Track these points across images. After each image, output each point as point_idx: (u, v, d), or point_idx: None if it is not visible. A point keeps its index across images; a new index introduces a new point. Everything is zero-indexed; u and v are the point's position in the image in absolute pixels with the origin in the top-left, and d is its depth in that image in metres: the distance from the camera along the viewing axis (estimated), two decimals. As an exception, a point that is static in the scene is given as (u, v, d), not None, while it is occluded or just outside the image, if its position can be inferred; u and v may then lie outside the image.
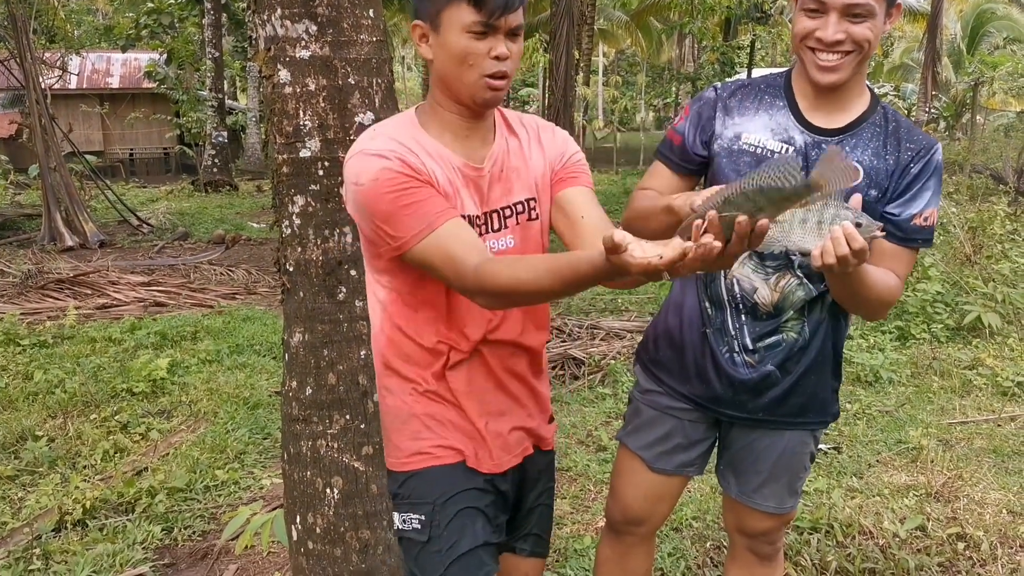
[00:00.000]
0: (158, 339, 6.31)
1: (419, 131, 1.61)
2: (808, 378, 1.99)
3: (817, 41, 1.75)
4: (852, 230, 1.51)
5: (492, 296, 1.47)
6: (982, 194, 9.90)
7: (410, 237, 1.51)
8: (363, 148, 1.55)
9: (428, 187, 1.53)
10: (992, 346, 5.87)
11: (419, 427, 1.70)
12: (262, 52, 2.45)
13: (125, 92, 23.35)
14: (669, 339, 2.09)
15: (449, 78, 1.56)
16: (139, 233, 12.31)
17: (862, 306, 1.85)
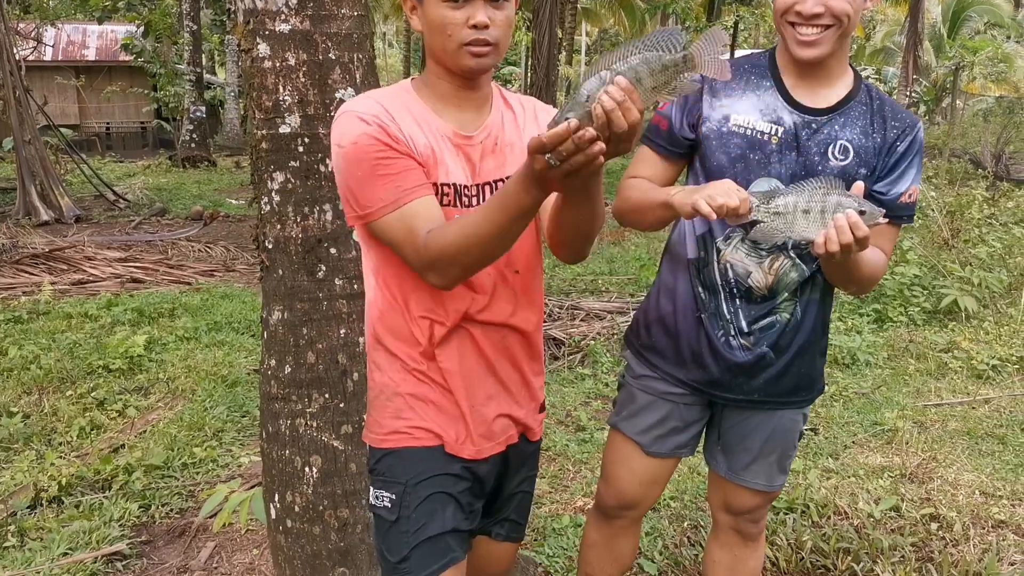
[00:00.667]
0: (135, 316, 6.25)
1: (412, 97, 1.62)
2: (801, 357, 2.01)
3: (796, 15, 1.75)
4: (856, 218, 1.54)
5: (442, 262, 1.48)
6: (960, 178, 9.99)
7: (377, 209, 1.53)
8: (349, 108, 1.56)
9: (405, 159, 1.53)
10: (968, 329, 5.94)
11: (402, 406, 1.68)
12: (241, 25, 2.40)
13: (101, 65, 22.96)
14: (663, 325, 2.08)
15: (434, 48, 1.57)
16: (116, 208, 12.16)
17: (854, 284, 1.88)
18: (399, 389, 1.68)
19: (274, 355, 2.41)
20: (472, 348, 1.68)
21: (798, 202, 1.57)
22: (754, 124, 1.87)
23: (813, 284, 1.95)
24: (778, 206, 1.60)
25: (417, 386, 1.67)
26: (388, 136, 1.52)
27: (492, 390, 1.72)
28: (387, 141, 1.52)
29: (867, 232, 1.53)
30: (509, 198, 1.39)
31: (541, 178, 1.32)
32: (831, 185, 1.58)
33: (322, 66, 2.42)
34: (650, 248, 8.96)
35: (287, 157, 2.43)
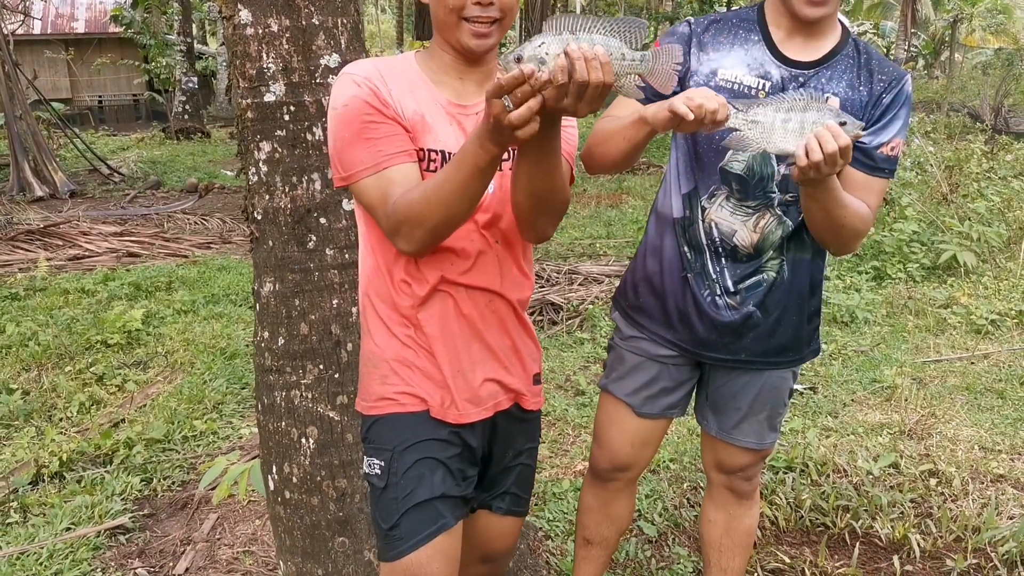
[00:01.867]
0: (132, 290, 6.23)
1: (412, 66, 1.63)
2: (788, 316, 2.00)
3: None
4: (837, 128, 1.52)
5: (407, 225, 1.50)
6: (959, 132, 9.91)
7: (357, 171, 1.55)
8: (347, 70, 1.59)
9: (391, 124, 1.55)
10: (967, 284, 5.93)
11: (387, 371, 1.68)
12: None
13: (91, 37, 22.69)
14: (649, 285, 2.07)
15: (438, 22, 1.57)
16: (110, 182, 12.09)
17: (837, 233, 1.81)
18: (384, 355, 1.68)
19: (267, 327, 2.39)
20: (455, 312, 1.66)
21: (778, 112, 1.54)
22: (741, 78, 1.84)
23: (799, 241, 1.93)
24: (756, 115, 1.56)
25: (401, 350, 1.67)
26: (377, 99, 1.54)
27: (478, 355, 1.70)
28: (376, 105, 1.53)
29: (848, 142, 1.51)
30: (467, 155, 1.41)
31: (497, 127, 1.30)
32: (811, 98, 1.55)
33: (305, 32, 2.38)
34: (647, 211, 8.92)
35: (273, 126, 2.39)
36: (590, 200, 10.20)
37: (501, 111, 1.28)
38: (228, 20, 2.36)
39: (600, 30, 1.30)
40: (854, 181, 1.83)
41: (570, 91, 1.27)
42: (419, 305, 1.64)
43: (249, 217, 2.50)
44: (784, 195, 1.87)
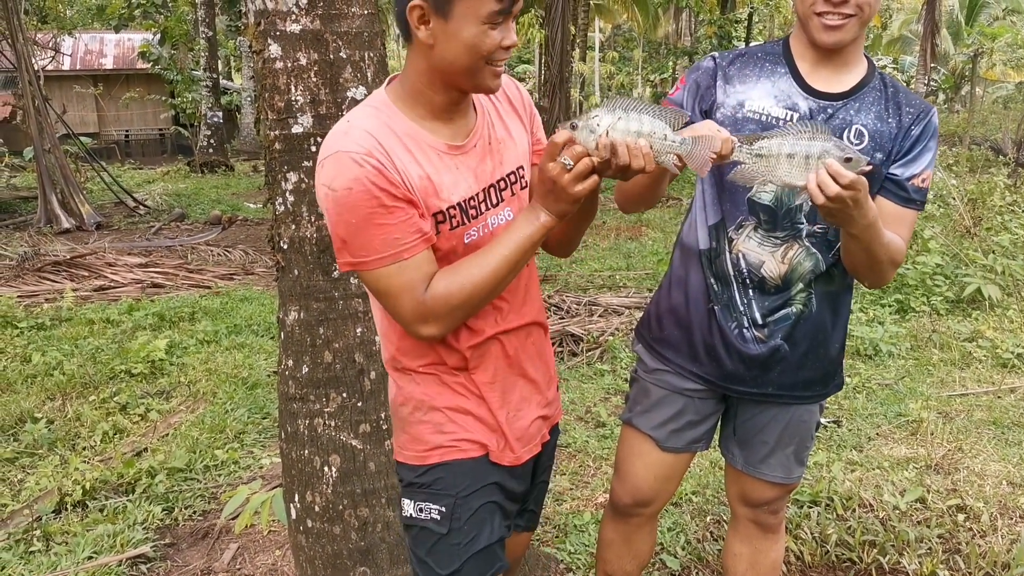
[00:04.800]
0: (156, 320, 6.30)
1: (395, 115, 1.50)
2: (816, 350, 1.98)
3: (824, 2, 1.75)
4: (837, 167, 1.51)
5: (445, 311, 1.48)
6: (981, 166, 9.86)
7: (372, 260, 1.45)
8: (339, 147, 1.43)
9: (404, 208, 1.44)
10: (992, 318, 5.87)
11: (443, 419, 1.64)
12: (252, 26, 2.41)
13: (119, 73, 23.17)
14: (674, 317, 2.06)
15: (455, 68, 1.45)
16: (135, 214, 12.26)
17: (873, 267, 1.82)
18: (436, 403, 1.64)
19: (291, 355, 2.41)
20: (502, 354, 1.66)
21: (782, 145, 1.54)
22: (769, 110, 1.86)
23: (829, 275, 1.92)
24: (761, 148, 1.56)
25: (454, 398, 1.64)
26: (386, 180, 1.42)
27: (525, 392, 1.72)
28: (384, 187, 1.42)
29: (853, 178, 1.50)
30: (520, 233, 1.48)
31: (555, 190, 1.43)
32: (816, 130, 1.54)
33: (333, 65, 2.42)
34: (667, 243, 8.92)
35: (300, 157, 2.43)
36: (610, 232, 10.23)
37: (561, 170, 1.41)
38: (258, 54, 2.41)
39: (648, 112, 1.43)
40: (888, 213, 1.83)
41: (613, 168, 1.42)
42: (469, 358, 1.63)
43: (275, 246, 2.53)
44: (812, 226, 1.87)
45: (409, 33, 1.44)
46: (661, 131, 1.43)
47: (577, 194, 1.43)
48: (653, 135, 1.42)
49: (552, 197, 1.45)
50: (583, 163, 1.41)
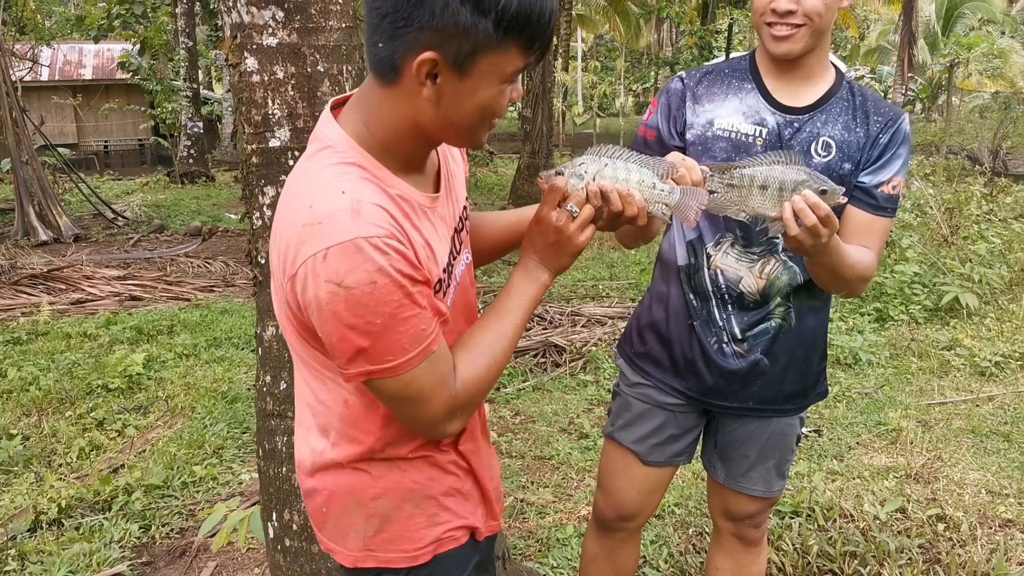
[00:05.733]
0: (134, 334, 6.23)
1: (381, 171, 1.23)
2: (796, 363, 1.99)
3: (772, 13, 1.75)
4: (815, 199, 1.49)
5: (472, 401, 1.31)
6: (958, 175, 9.96)
7: (402, 362, 1.18)
8: (355, 232, 1.11)
9: (422, 288, 1.19)
10: (970, 326, 5.91)
11: (436, 509, 1.42)
12: (228, 40, 2.39)
13: (98, 83, 22.99)
14: (655, 332, 2.06)
15: (454, 126, 1.23)
16: (114, 226, 12.15)
17: (840, 283, 1.83)
18: (430, 490, 1.41)
19: (269, 371, 2.39)
20: (476, 418, 1.51)
21: (755, 176, 1.52)
22: (738, 127, 1.86)
23: (807, 288, 1.92)
24: (734, 178, 1.55)
25: (447, 480, 1.44)
26: (409, 264, 1.15)
27: (491, 455, 1.61)
28: (409, 272, 1.15)
29: (828, 211, 1.48)
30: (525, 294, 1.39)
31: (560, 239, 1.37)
32: (790, 160, 1.52)
33: (311, 79, 2.41)
34: (650, 252, 8.94)
35: (278, 171, 2.42)
36: (592, 242, 10.23)
37: (568, 219, 1.35)
38: (235, 68, 2.40)
39: (634, 160, 1.40)
40: (857, 222, 1.83)
41: (604, 216, 1.37)
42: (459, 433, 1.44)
43: (252, 261, 2.51)
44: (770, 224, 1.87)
45: (396, 77, 1.18)
46: (649, 180, 1.40)
47: (582, 244, 1.37)
48: (642, 183, 1.39)
49: (555, 249, 1.37)
50: (587, 210, 1.35)
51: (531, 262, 1.40)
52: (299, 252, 1.13)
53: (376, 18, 1.14)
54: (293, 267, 1.14)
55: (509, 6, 1.10)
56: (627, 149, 1.41)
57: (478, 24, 1.10)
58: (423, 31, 1.11)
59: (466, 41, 1.12)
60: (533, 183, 12.58)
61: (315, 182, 1.19)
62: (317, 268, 1.11)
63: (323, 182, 1.18)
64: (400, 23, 1.11)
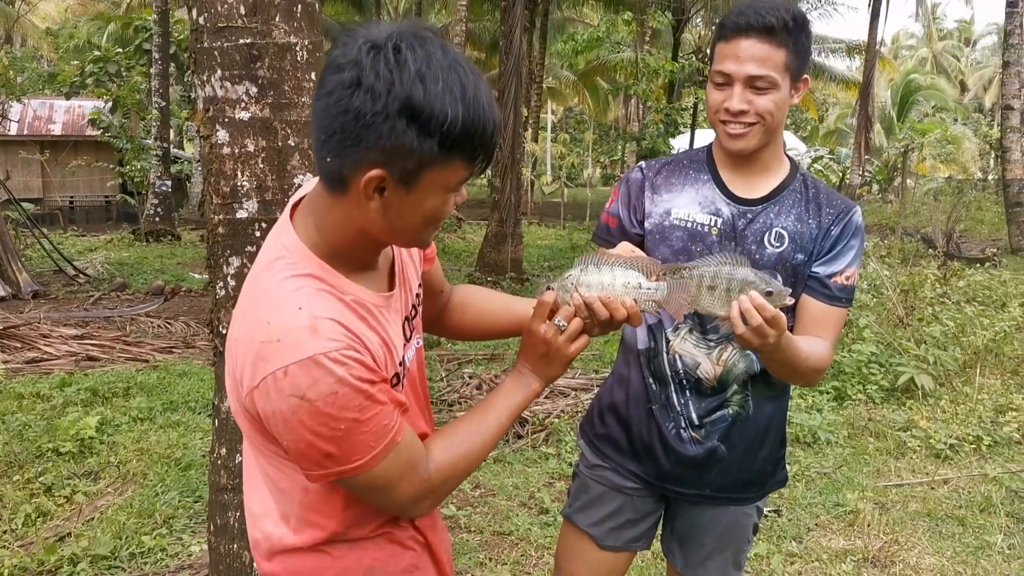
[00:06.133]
0: (89, 396, 6.09)
1: (335, 277, 1.27)
2: (753, 452, 2.00)
3: (725, 112, 1.83)
4: (760, 300, 1.52)
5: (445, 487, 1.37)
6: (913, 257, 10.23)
7: (368, 459, 1.23)
8: (312, 351, 1.16)
9: (383, 385, 1.24)
10: (925, 408, 6.01)
11: None
12: (200, 112, 2.43)
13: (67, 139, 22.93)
14: (616, 414, 2.08)
15: (400, 233, 1.28)
16: (75, 283, 11.97)
17: (795, 376, 1.87)
18: (390, 568, 1.43)
19: (225, 443, 2.36)
20: None
21: (704, 275, 1.56)
22: (694, 216, 1.92)
23: (764, 377, 1.94)
24: (683, 277, 1.59)
25: (406, 556, 1.45)
26: (368, 370, 1.21)
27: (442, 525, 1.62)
28: (368, 377, 1.20)
29: (775, 313, 1.52)
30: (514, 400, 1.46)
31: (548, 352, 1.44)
32: (736, 262, 1.56)
33: (281, 152, 2.45)
34: (613, 325, 8.99)
35: (244, 242, 2.43)
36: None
37: (556, 332, 1.43)
38: (206, 140, 2.43)
39: (620, 264, 1.47)
40: (812, 312, 1.88)
41: (598, 325, 1.45)
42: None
43: (214, 331, 2.50)
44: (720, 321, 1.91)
45: (344, 189, 1.21)
46: (635, 280, 1.47)
47: (572, 355, 1.44)
48: (628, 285, 1.46)
49: (545, 360, 1.45)
50: (575, 323, 1.43)
51: (524, 369, 1.48)
52: (258, 368, 1.17)
53: (324, 135, 1.18)
54: (253, 381, 1.18)
55: (454, 127, 1.14)
56: (613, 253, 1.49)
57: (424, 144, 1.15)
58: (370, 150, 1.15)
59: (411, 159, 1.16)
60: (500, 251, 12.70)
61: (273, 297, 1.23)
62: (279, 384, 1.15)
63: (280, 298, 1.22)
64: (348, 142, 1.15)
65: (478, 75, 1.19)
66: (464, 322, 1.76)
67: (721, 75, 1.81)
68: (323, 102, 1.17)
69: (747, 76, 1.77)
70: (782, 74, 1.78)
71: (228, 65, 2.33)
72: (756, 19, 1.75)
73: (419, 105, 1.12)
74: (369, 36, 1.15)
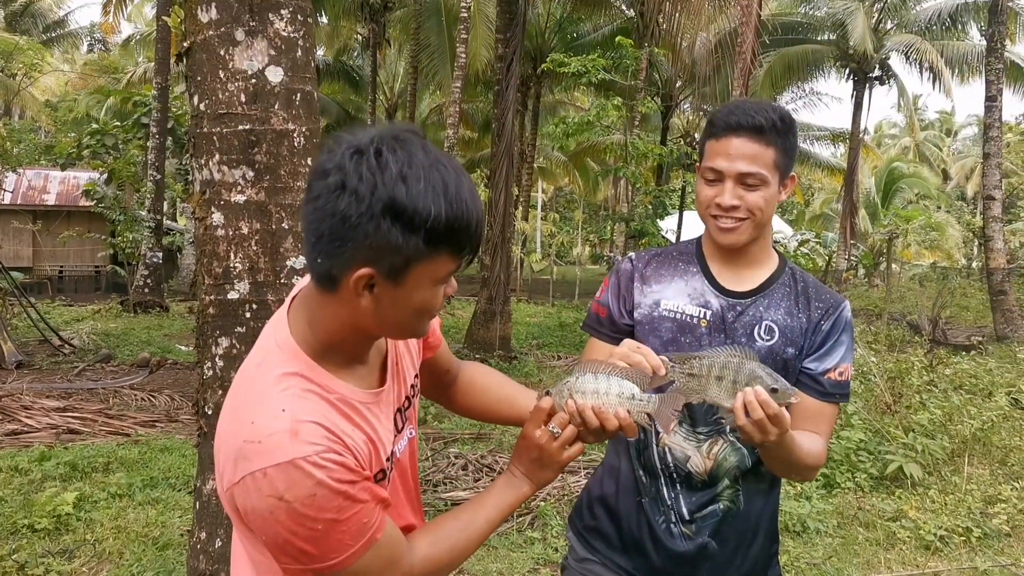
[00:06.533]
0: (68, 470, 5.99)
1: (322, 376, 1.30)
2: (745, 548, 1.97)
3: (716, 207, 1.87)
4: (764, 396, 1.54)
5: None
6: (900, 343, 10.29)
7: (347, 556, 1.25)
8: (292, 455, 1.18)
9: (363, 485, 1.25)
10: (914, 497, 5.96)
11: None
12: (196, 195, 2.47)
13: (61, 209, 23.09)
14: (605, 507, 2.05)
15: (395, 325, 1.31)
16: (60, 354, 11.88)
17: (791, 471, 1.88)
18: None
19: (205, 527, 2.32)
20: None
21: (712, 367, 1.59)
22: (683, 308, 1.94)
23: (755, 472, 1.94)
24: (692, 367, 1.62)
25: None
26: (349, 471, 1.22)
27: None
28: (349, 478, 1.22)
29: (778, 410, 1.54)
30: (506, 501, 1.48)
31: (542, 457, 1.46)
32: (745, 355, 1.59)
33: (275, 235, 2.48)
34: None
35: (234, 322, 2.44)
36: (545, 393, 10.22)
37: (550, 438, 1.46)
38: (200, 221, 2.46)
39: (616, 374, 1.50)
40: (806, 408, 1.87)
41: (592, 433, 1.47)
42: None
43: (200, 411, 2.49)
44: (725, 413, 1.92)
45: (335, 288, 1.25)
46: (629, 391, 1.49)
47: (565, 461, 1.46)
48: (622, 395, 1.48)
49: (538, 464, 1.47)
50: (569, 430, 1.46)
51: (517, 471, 1.50)
52: (239, 467, 1.20)
53: (313, 237, 1.22)
54: (234, 477, 1.21)
55: (438, 223, 1.19)
56: (611, 362, 1.52)
57: (409, 241, 1.19)
58: (358, 250, 1.19)
59: (399, 256, 1.20)
60: (489, 328, 12.71)
61: (259, 395, 1.26)
62: (258, 483, 1.18)
63: (266, 397, 1.25)
64: (336, 243, 1.20)
65: (460, 171, 1.24)
66: (468, 403, 1.81)
67: (712, 171, 1.86)
68: (311, 207, 1.21)
69: (738, 173, 1.82)
70: (771, 171, 1.83)
71: (226, 150, 2.38)
72: (746, 119, 1.81)
73: (402, 204, 1.17)
74: (352, 142, 1.21)
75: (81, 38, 38.74)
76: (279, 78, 2.46)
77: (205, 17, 2.44)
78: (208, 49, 2.44)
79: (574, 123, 14.89)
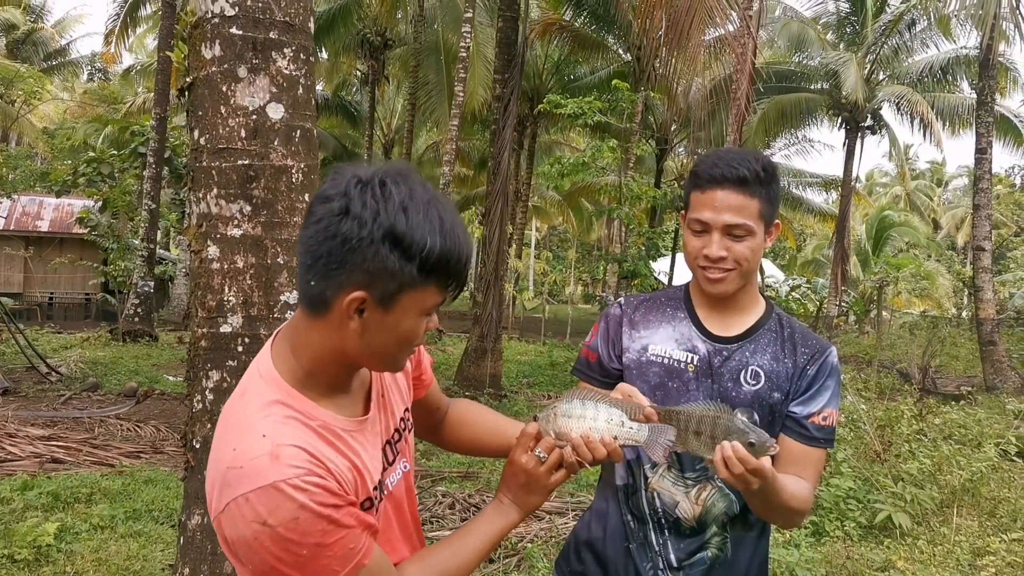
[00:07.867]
0: (50, 500, 5.91)
1: (305, 404, 1.33)
2: None
3: (704, 258, 1.89)
4: (742, 452, 1.56)
5: None
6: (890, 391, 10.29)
7: None
8: (273, 478, 1.20)
9: (348, 510, 1.27)
10: (903, 547, 5.92)
11: None
12: (193, 227, 2.48)
13: (54, 236, 23.07)
14: (592, 551, 2.04)
15: (376, 354, 1.34)
16: (47, 381, 11.78)
17: (777, 517, 1.88)
18: None
19: (189, 562, 2.30)
20: None
21: (689, 421, 1.61)
22: (671, 353, 1.95)
23: (743, 518, 1.93)
24: (672, 419, 1.63)
25: None
26: (331, 495, 1.24)
27: None
28: (332, 502, 1.23)
29: (757, 464, 1.56)
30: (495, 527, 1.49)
31: (530, 481, 1.48)
32: (720, 411, 1.61)
33: (270, 269, 2.49)
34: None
35: (225, 356, 2.44)
36: (534, 432, 10.17)
37: (536, 463, 1.48)
38: (196, 254, 2.47)
39: (605, 402, 1.52)
40: (791, 452, 1.88)
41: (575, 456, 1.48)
42: None
43: (187, 445, 2.48)
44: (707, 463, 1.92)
45: (326, 311, 1.29)
46: (618, 418, 1.51)
47: (552, 485, 1.48)
48: (610, 421, 1.50)
49: (525, 490, 1.49)
50: (555, 454, 1.47)
51: (505, 499, 1.51)
52: (223, 494, 1.23)
53: (310, 259, 1.27)
54: (219, 506, 1.23)
55: (432, 253, 1.25)
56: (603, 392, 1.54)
57: (404, 268, 1.25)
58: (354, 273, 1.25)
59: (392, 282, 1.25)
60: (480, 365, 12.67)
61: (241, 424, 1.29)
62: (242, 509, 1.20)
63: (248, 424, 1.28)
64: (334, 264, 1.25)
65: (454, 210, 1.31)
66: (458, 438, 1.83)
67: (699, 223, 1.88)
68: (311, 229, 1.26)
69: (724, 224, 1.85)
70: (757, 221, 1.86)
71: (224, 184, 2.40)
72: (730, 171, 1.84)
73: (402, 232, 1.23)
74: (357, 173, 1.27)
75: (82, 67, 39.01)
76: (280, 115, 2.49)
77: (209, 53, 2.47)
78: (210, 85, 2.46)
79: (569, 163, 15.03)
